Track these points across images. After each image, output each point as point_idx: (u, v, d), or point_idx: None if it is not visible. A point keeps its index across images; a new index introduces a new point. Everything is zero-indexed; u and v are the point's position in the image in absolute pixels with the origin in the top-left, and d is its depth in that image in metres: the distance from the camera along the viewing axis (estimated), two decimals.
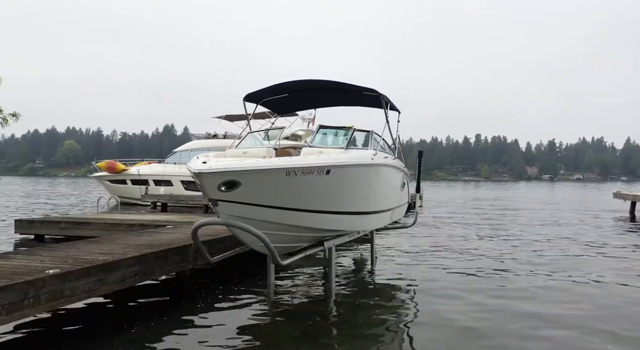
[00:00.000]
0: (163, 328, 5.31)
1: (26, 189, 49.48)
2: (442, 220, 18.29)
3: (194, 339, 5.05)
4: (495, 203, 31.09)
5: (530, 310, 6.14)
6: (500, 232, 14.64)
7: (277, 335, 5.27)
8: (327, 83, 7.55)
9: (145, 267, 5.93)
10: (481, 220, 18.41)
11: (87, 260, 5.39)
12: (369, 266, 8.98)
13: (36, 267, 4.95)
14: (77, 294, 4.92)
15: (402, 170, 8.69)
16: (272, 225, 5.48)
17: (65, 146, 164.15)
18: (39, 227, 11.38)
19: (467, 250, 10.88)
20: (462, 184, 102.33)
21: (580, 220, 18.82)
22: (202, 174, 4.65)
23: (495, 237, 13.31)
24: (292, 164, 5.25)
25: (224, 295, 6.84)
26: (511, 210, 24.76)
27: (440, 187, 68.51)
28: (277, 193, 5.28)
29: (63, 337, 5.04)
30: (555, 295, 6.92)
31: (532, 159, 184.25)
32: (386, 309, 6.32)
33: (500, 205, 28.48)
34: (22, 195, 36.00)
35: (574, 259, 9.93)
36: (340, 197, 6.18)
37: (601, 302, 6.55)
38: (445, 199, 35.79)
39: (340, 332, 5.36)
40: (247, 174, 4.87)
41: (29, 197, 34.42)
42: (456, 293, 6.95)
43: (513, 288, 7.24)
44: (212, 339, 5.03)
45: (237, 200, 4.97)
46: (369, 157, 6.58)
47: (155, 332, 5.16)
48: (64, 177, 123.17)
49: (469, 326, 5.51)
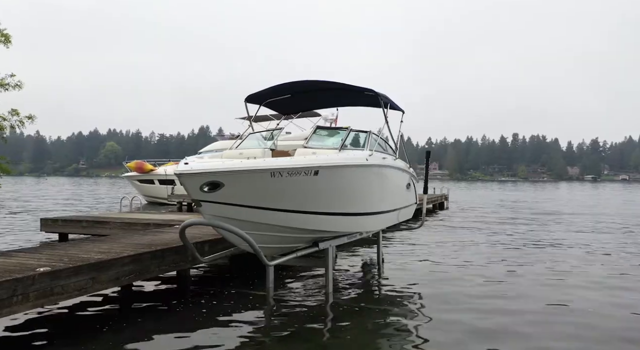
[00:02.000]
0: (162, 327, 5.42)
1: (67, 188, 51.70)
2: (463, 223, 17.88)
3: (191, 339, 5.12)
4: (533, 205, 29.38)
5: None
6: (531, 236, 14.18)
7: (272, 337, 5.31)
8: (328, 84, 7.52)
9: (141, 266, 6.05)
10: (508, 225, 17.85)
11: (82, 258, 5.56)
12: (375, 269, 8.88)
13: (31, 264, 5.14)
14: (68, 291, 5.08)
15: (405, 170, 8.55)
16: (260, 225, 5.50)
17: (107, 147, 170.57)
18: (63, 226, 11.80)
19: (481, 256, 10.59)
20: (498, 184, 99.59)
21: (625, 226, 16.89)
22: (183, 175, 4.72)
23: (523, 245, 12.88)
24: (277, 165, 5.25)
25: (223, 295, 6.92)
26: (548, 214, 22.61)
27: (475, 187, 66.97)
28: (263, 194, 5.30)
29: (62, 335, 5.23)
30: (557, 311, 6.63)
31: (573, 159, 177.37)
32: (385, 312, 6.26)
33: (539, 208, 26.55)
34: (62, 194, 37.64)
35: (579, 266, 9.49)
36: (333, 198, 6.14)
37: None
38: (478, 200, 34.96)
39: (334, 335, 5.36)
40: (229, 175, 4.90)
41: (70, 196, 35.93)
42: (461, 299, 6.79)
43: (529, 310, 6.32)
44: (208, 339, 5.10)
45: (221, 200, 5.02)
46: (364, 158, 6.51)
47: (154, 332, 5.28)
48: (105, 177, 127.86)
49: (472, 332, 5.38)
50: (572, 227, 16.23)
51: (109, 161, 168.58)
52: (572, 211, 24.29)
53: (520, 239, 13.21)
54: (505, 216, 20.84)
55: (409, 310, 6.38)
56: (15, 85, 8.34)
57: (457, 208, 24.75)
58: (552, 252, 11.00)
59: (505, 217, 20.48)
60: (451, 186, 39.35)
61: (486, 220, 18.42)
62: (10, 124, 8.19)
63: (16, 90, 8.49)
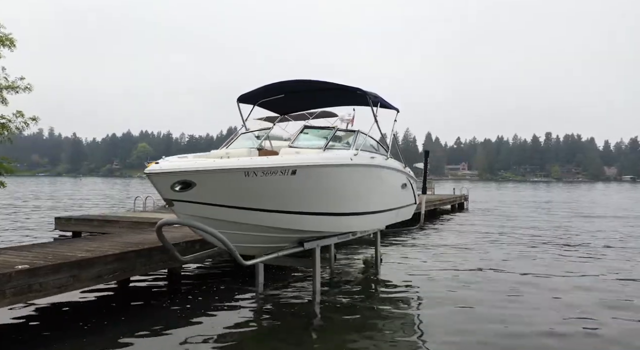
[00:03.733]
0: (151, 325, 5.53)
1: (99, 187, 53.32)
2: (478, 225, 17.44)
3: (179, 335, 5.24)
4: (566, 207, 28.02)
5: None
6: (550, 239, 13.71)
7: (259, 334, 5.38)
8: (318, 83, 7.45)
9: (126, 264, 6.15)
10: (526, 229, 17.29)
11: (65, 257, 5.68)
12: (372, 269, 8.75)
13: (13, 262, 5.29)
14: (47, 289, 5.20)
15: (399, 170, 8.39)
16: (240, 225, 5.50)
17: (139, 148, 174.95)
18: (75, 224, 12.16)
19: (485, 261, 10.30)
20: (530, 185, 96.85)
21: None
22: (152, 175, 4.74)
23: (542, 250, 12.47)
24: (251, 165, 5.23)
25: (213, 293, 7.00)
26: (583, 217, 21.14)
27: (504, 188, 65.20)
28: (240, 193, 5.28)
29: (51, 329, 5.41)
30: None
31: (611, 159, 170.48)
32: (373, 311, 6.25)
33: (573, 209, 25.41)
34: (92, 193, 38.86)
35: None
36: (315, 197, 6.07)
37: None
38: (506, 200, 34.06)
39: (318, 333, 5.40)
40: (200, 174, 4.90)
41: (97, 194, 37.05)
42: (455, 301, 6.66)
43: (538, 323, 5.88)
44: (195, 337, 5.18)
45: (193, 200, 5.02)
46: (347, 158, 6.42)
47: (141, 328, 5.41)
48: (137, 177, 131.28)
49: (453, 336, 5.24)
50: (591, 227, 15.60)
51: (140, 162, 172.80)
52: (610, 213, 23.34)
53: (540, 242, 12.78)
54: (528, 218, 20.20)
55: (400, 310, 6.32)
56: (25, 87, 8.56)
57: (478, 209, 24.15)
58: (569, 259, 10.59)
59: (527, 219, 19.85)
60: (479, 187, 38.55)
61: (503, 223, 17.89)
62: (15, 125, 8.39)
63: (26, 93, 8.73)
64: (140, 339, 5.18)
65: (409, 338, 5.27)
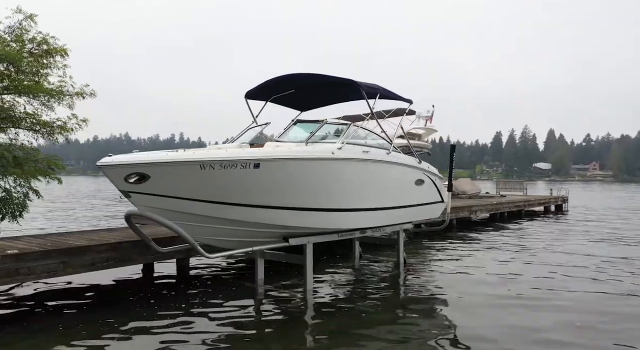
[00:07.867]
0: (154, 316, 5.75)
1: None
2: (565, 228, 15.39)
3: (179, 327, 5.37)
4: None
5: None
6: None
7: (255, 331, 5.36)
8: (324, 78, 7.16)
9: (120, 254, 6.51)
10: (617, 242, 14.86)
11: (57, 244, 6.17)
12: (395, 271, 8.18)
13: (8, 246, 5.90)
14: (36, 273, 5.72)
15: (412, 166, 7.69)
16: (202, 218, 5.51)
17: None
18: None
19: (539, 268, 9.06)
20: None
21: None
22: (104, 167, 4.93)
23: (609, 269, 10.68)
24: (207, 157, 5.20)
25: (214, 288, 7.14)
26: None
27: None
28: (197, 186, 5.28)
29: (59, 315, 5.85)
30: None
31: None
32: (373, 311, 6.03)
33: None
34: None
35: None
36: (290, 192, 5.85)
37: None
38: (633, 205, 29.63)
39: (314, 333, 5.31)
40: (153, 166, 4.99)
41: None
42: (483, 311, 6.05)
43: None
44: (192, 334, 5.20)
45: (149, 192, 5.13)
46: (328, 151, 6.07)
47: (143, 318, 5.64)
48: None
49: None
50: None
51: None
52: None
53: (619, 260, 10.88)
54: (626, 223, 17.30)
55: (402, 314, 6.05)
56: (90, 93, 9.55)
57: (580, 213, 21.12)
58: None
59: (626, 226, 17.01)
60: (609, 189, 33.82)
61: (599, 231, 15.50)
62: (71, 127, 9.37)
63: (91, 98, 9.70)
64: (136, 335, 5.16)
65: (414, 338, 5.03)
